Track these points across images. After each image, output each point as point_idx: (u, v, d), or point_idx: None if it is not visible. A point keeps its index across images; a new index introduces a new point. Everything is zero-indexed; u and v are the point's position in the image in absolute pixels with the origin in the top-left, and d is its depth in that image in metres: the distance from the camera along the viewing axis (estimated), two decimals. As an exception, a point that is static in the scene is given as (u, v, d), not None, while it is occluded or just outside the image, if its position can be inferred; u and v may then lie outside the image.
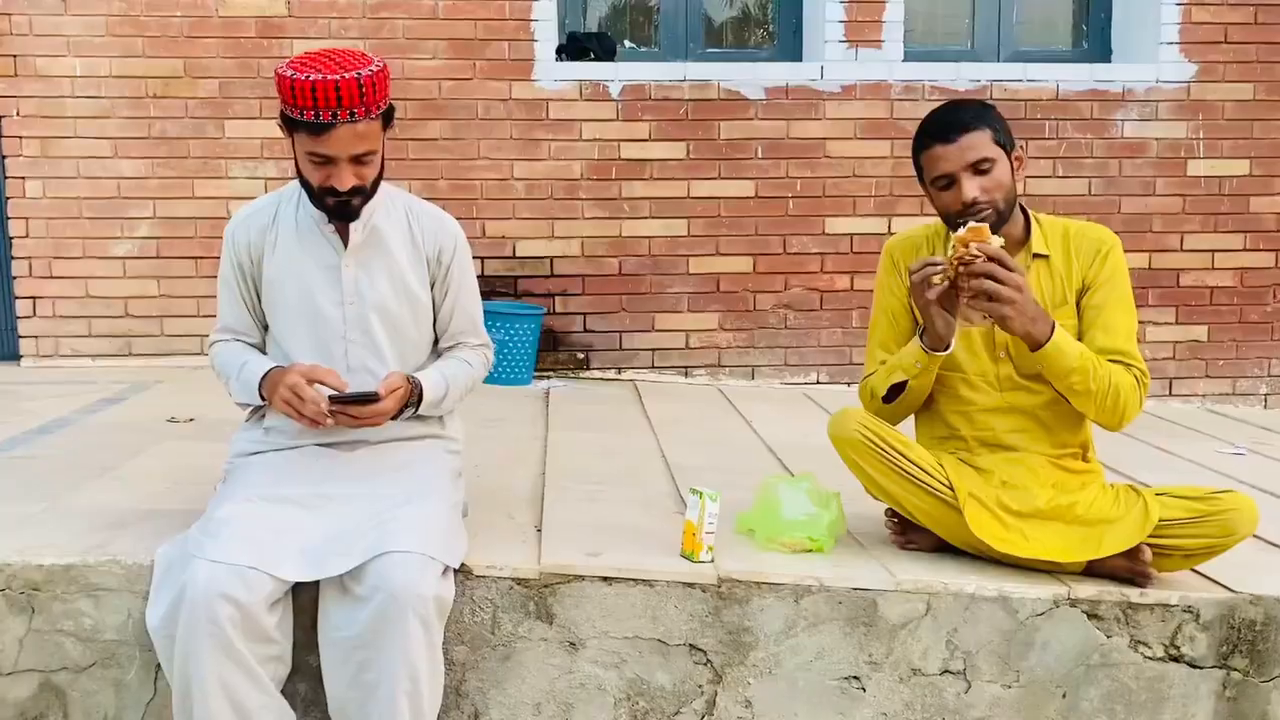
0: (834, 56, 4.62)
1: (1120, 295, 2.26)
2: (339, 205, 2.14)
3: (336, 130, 2.03)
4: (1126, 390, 2.18)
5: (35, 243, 4.50)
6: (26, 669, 2.15)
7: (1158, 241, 4.75)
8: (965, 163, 2.17)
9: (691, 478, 2.88)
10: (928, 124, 2.24)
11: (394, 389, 2.15)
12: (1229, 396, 4.88)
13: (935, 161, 2.20)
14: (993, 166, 2.18)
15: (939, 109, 2.27)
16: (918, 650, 2.21)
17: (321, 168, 2.09)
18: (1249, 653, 2.21)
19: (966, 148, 2.17)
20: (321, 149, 2.06)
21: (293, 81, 2.01)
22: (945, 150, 2.18)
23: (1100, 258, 2.26)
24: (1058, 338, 2.13)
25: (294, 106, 2.03)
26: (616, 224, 4.65)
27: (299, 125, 2.05)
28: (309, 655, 2.09)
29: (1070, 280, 2.27)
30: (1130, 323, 2.26)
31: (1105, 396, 2.17)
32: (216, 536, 1.96)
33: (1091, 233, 2.30)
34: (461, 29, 4.51)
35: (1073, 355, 2.15)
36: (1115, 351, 2.21)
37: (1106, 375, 2.17)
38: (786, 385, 4.75)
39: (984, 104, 2.27)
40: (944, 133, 2.19)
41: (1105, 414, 2.20)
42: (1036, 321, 2.12)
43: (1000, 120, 2.23)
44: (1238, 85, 4.71)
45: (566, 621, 2.19)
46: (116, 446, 3.10)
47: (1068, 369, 2.15)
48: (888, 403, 2.33)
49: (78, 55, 4.41)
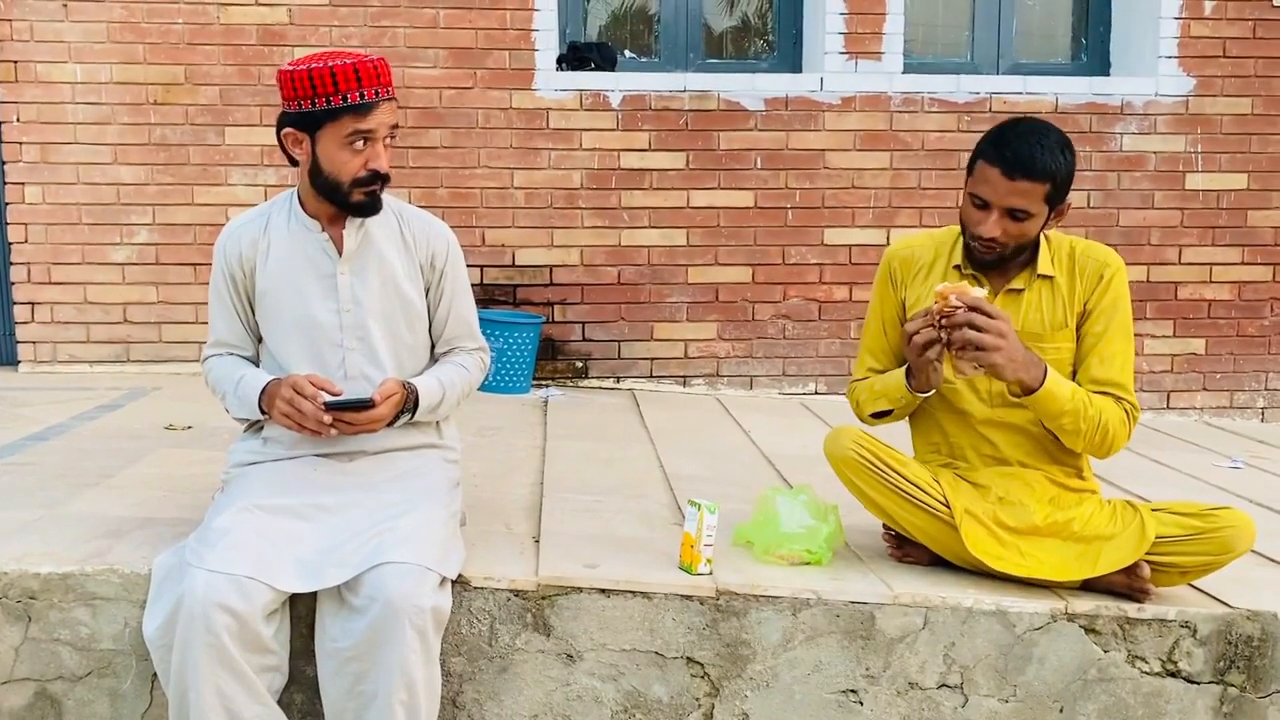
0: (833, 68, 4.63)
1: (1120, 323, 2.24)
2: (369, 196, 2.16)
3: (379, 106, 2.10)
4: (1115, 425, 2.18)
5: (34, 248, 4.50)
6: (22, 678, 2.14)
7: (1155, 254, 4.76)
8: (1005, 205, 2.13)
9: (689, 488, 2.88)
10: (1005, 142, 2.12)
11: (389, 395, 2.14)
12: (1226, 410, 4.88)
13: (983, 182, 2.14)
14: (1027, 219, 2.14)
15: (1026, 130, 2.14)
16: (915, 664, 2.21)
17: (361, 152, 2.11)
18: (1246, 668, 2.21)
19: (1016, 192, 2.11)
20: (368, 126, 2.09)
21: (332, 69, 2.05)
22: (999, 180, 2.12)
23: (1104, 284, 2.24)
24: (1050, 384, 2.12)
25: (335, 92, 2.06)
26: (616, 233, 4.65)
27: (340, 112, 2.07)
28: (306, 665, 2.09)
29: (1072, 303, 2.25)
30: (1127, 352, 2.24)
31: (1094, 434, 2.18)
32: (214, 546, 1.96)
33: (1096, 254, 2.26)
34: (462, 38, 4.52)
35: (1064, 399, 2.14)
36: (1109, 384, 2.21)
37: (1096, 414, 2.16)
38: (785, 395, 4.75)
39: (1064, 147, 2.14)
40: (1011, 165, 2.10)
41: (1092, 448, 2.22)
42: (1028, 368, 2.11)
43: (1070, 174, 2.14)
44: (1236, 99, 4.73)
45: (564, 633, 2.19)
46: (114, 454, 3.10)
47: (1059, 411, 2.16)
48: (875, 418, 2.34)
49: (78, 61, 4.42)
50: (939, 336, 2.10)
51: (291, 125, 2.13)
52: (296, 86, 2.07)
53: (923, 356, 2.13)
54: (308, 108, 2.09)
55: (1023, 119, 2.22)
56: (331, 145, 2.11)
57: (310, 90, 2.07)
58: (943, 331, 2.10)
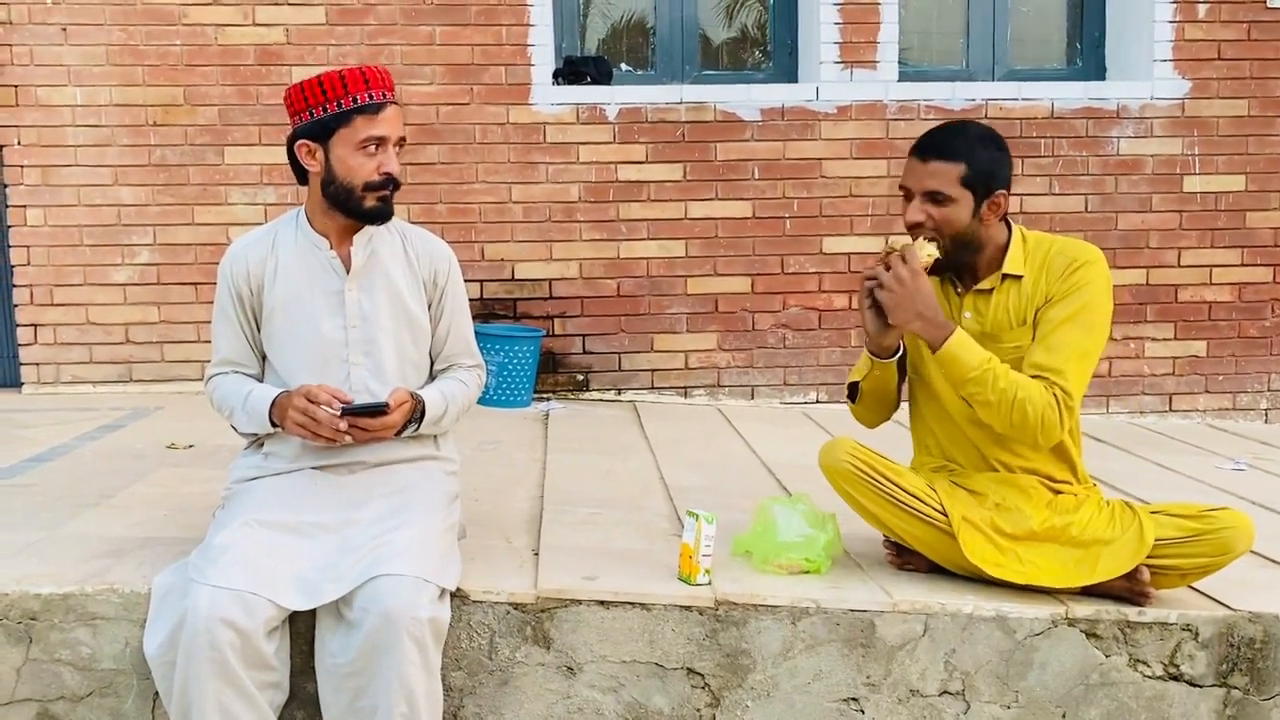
0: (829, 77, 4.64)
1: (1077, 312, 2.15)
2: (382, 202, 2.21)
3: (388, 109, 2.17)
4: (1037, 406, 2.09)
5: (36, 270, 4.52)
6: (24, 699, 2.14)
7: (1154, 258, 4.75)
8: (922, 188, 2.18)
9: (690, 499, 2.88)
10: (924, 133, 2.24)
11: (402, 402, 2.19)
12: (1229, 411, 4.87)
13: (906, 172, 2.22)
14: (947, 202, 2.16)
15: (947, 125, 2.24)
16: (916, 671, 2.21)
17: (374, 156, 2.17)
18: (1249, 670, 2.21)
19: (929, 174, 2.17)
20: (379, 130, 2.16)
21: (340, 74, 2.13)
22: (912, 166, 2.20)
23: (1068, 274, 2.18)
24: (952, 346, 2.12)
25: (346, 95, 2.13)
26: (614, 245, 4.66)
27: (351, 115, 2.13)
28: (306, 682, 2.09)
29: (1034, 298, 2.22)
30: (1081, 345, 2.14)
31: (1010, 411, 2.10)
32: (216, 562, 1.97)
33: (1070, 250, 2.22)
34: (459, 54, 4.55)
35: (970, 365, 2.11)
36: (1045, 368, 2.13)
37: (1010, 388, 2.10)
38: (786, 405, 4.75)
39: (984, 139, 2.19)
40: (922, 149, 2.19)
41: (1015, 430, 2.14)
42: (926, 321, 2.12)
43: (990, 161, 2.16)
44: (1232, 101, 4.73)
45: (564, 646, 2.19)
46: (116, 474, 3.11)
47: (964, 378, 2.13)
48: (855, 402, 2.37)
49: (78, 84, 4.45)
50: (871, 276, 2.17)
51: (304, 136, 2.18)
52: (307, 95, 2.14)
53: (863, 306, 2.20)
54: (319, 115, 2.15)
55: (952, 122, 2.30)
56: (344, 150, 2.16)
57: (321, 96, 2.14)
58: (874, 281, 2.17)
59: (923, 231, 2.19)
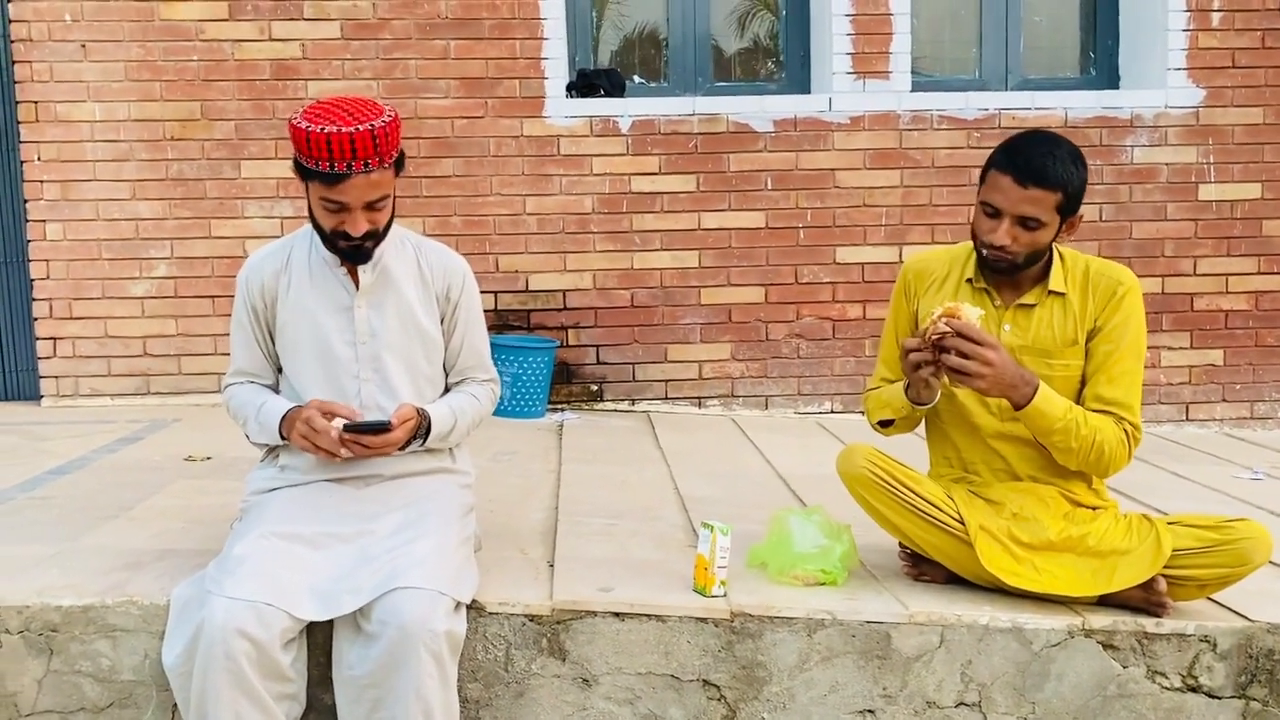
0: (842, 88, 4.65)
1: (1130, 342, 2.23)
2: (352, 249, 2.18)
3: (351, 179, 2.09)
4: (1112, 445, 2.18)
5: (55, 284, 4.57)
6: (45, 710, 2.16)
7: (1170, 266, 4.74)
8: (1018, 212, 2.14)
9: (704, 510, 2.88)
10: (1017, 151, 2.15)
11: (405, 419, 2.19)
12: (1247, 420, 4.84)
13: (995, 190, 2.16)
14: (1038, 228, 2.15)
15: (1039, 141, 2.17)
16: (932, 683, 2.20)
17: (335, 214, 2.14)
18: (1268, 682, 2.19)
19: (1027, 200, 2.13)
20: (336, 197, 2.11)
21: (308, 134, 2.06)
22: (1011, 187, 2.13)
23: (1116, 301, 2.23)
24: (1039, 401, 2.13)
25: (309, 157, 2.08)
26: (628, 256, 4.68)
27: (313, 175, 2.10)
28: (324, 694, 2.10)
29: (1083, 320, 2.25)
30: (1136, 371, 2.23)
31: (1088, 453, 2.18)
32: (234, 574, 1.99)
33: (1111, 273, 2.26)
34: (473, 68, 4.58)
35: (1055, 416, 2.14)
36: (1113, 403, 2.20)
37: (1090, 433, 2.16)
38: (800, 415, 4.75)
39: (1075, 158, 2.16)
40: (1023, 174, 2.12)
41: (1088, 466, 2.21)
42: (1016, 388, 2.12)
43: (1081, 185, 2.16)
44: (1247, 109, 4.72)
45: (580, 658, 2.19)
46: (134, 486, 3.13)
47: (1049, 429, 2.16)
48: (882, 426, 2.35)
49: (97, 100, 4.50)
50: (929, 357, 2.12)
51: (294, 166, 2.17)
52: (293, 134, 2.11)
53: (916, 374, 2.16)
54: (297, 157, 2.13)
55: (1036, 131, 2.25)
56: (313, 198, 2.16)
57: (295, 144, 2.10)
58: (932, 352, 2.12)
59: (998, 257, 2.17)
